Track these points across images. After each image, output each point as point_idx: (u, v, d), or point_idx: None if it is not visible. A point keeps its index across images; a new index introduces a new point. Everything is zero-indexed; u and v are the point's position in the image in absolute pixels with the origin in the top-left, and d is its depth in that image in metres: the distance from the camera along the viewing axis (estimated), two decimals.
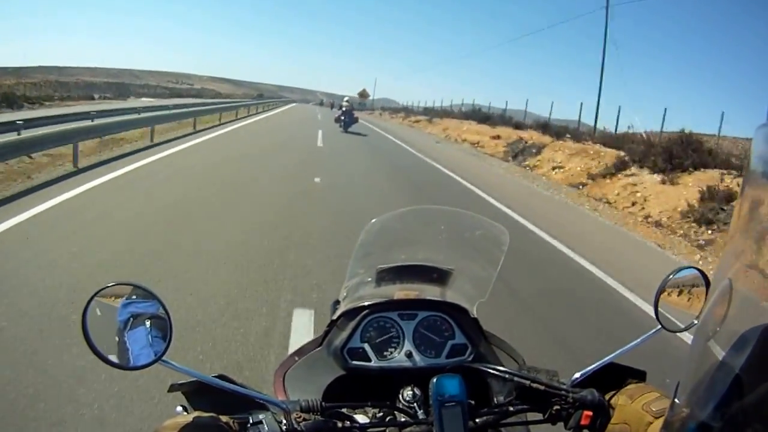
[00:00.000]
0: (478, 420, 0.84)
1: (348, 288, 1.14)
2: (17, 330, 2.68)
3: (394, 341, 1.02)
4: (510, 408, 0.87)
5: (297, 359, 1.03)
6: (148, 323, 0.75)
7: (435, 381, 0.80)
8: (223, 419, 0.73)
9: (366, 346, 1.01)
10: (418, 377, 0.93)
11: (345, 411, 0.87)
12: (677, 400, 0.48)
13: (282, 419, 0.78)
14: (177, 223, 5.08)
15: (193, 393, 0.83)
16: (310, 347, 1.06)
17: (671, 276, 0.91)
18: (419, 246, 1.20)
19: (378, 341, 1.02)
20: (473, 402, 0.84)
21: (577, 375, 0.88)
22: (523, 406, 0.87)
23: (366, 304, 1.04)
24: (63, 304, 2.97)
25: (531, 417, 0.89)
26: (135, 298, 0.76)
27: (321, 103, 68.17)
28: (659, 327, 0.91)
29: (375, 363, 1.00)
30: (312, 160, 10.93)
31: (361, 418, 0.91)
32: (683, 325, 0.89)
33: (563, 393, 0.85)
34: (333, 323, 1.06)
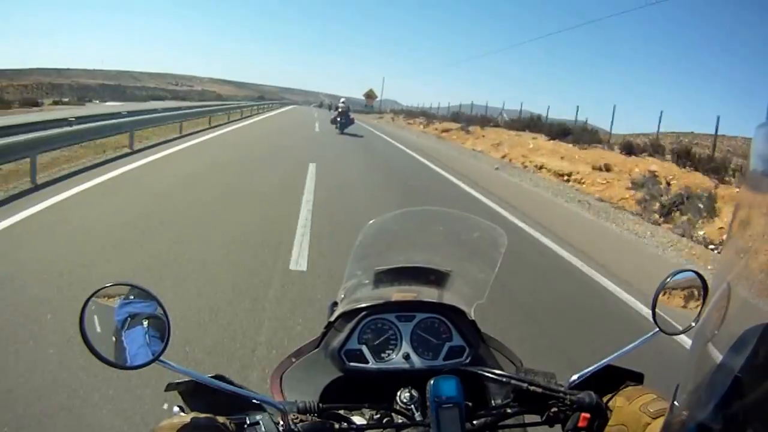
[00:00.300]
0: (475, 422, 0.84)
1: (345, 289, 1.13)
2: None
3: (391, 343, 1.02)
4: (507, 410, 0.87)
5: (294, 361, 1.02)
6: (145, 323, 0.75)
7: (432, 383, 0.80)
8: (220, 420, 0.73)
9: (363, 347, 1.01)
10: (415, 379, 0.92)
11: (342, 412, 0.87)
12: (676, 402, 0.48)
13: (279, 420, 0.77)
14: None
15: (190, 393, 0.83)
16: (307, 349, 1.05)
17: (668, 279, 0.91)
18: (417, 248, 1.19)
19: (375, 343, 1.02)
20: (471, 404, 0.84)
21: (575, 377, 0.88)
22: (521, 408, 0.87)
23: (363, 305, 1.03)
24: None
25: (528, 419, 0.89)
26: (132, 298, 0.75)
27: (320, 105, 62.69)
28: (657, 330, 0.91)
29: (372, 365, 1.00)
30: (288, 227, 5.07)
31: (359, 419, 0.90)
32: (681, 328, 0.89)
33: (561, 395, 0.85)
34: (330, 325, 1.05)
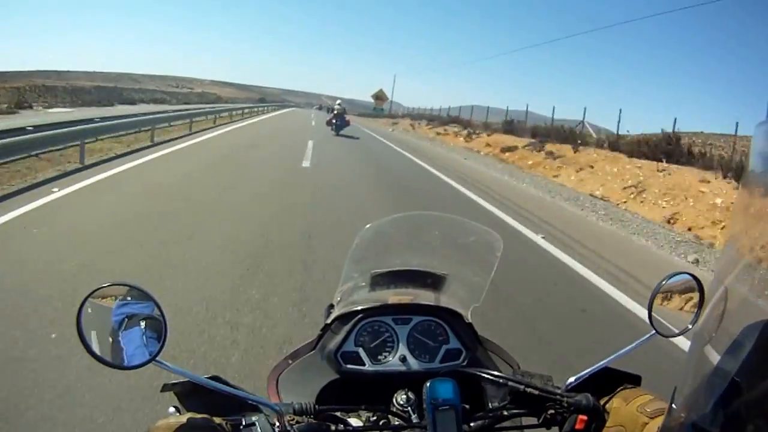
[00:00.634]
0: (472, 424, 0.84)
1: (342, 292, 1.13)
2: None
3: (388, 345, 1.02)
4: (504, 412, 0.87)
5: (291, 362, 1.02)
6: (143, 324, 0.75)
7: (429, 385, 0.80)
8: (216, 420, 0.73)
9: (360, 350, 1.00)
10: (412, 381, 0.92)
11: (338, 414, 0.87)
12: (674, 404, 0.48)
13: (275, 421, 0.77)
14: None
15: (186, 394, 0.83)
16: (303, 351, 1.05)
17: (664, 281, 0.91)
18: (413, 251, 1.19)
19: (372, 345, 1.01)
20: (467, 406, 0.84)
21: (572, 379, 0.88)
22: (518, 410, 0.87)
23: (360, 308, 1.03)
24: None
25: (525, 422, 0.89)
26: (130, 298, 0.75)
27: (320, 108, 56.70)
28: (653, 332, 0.91)
29: (369, 367, 0.99)
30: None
31: (355, 421, 0.90)
32: (677, 330, 0.89)
33: (558, 397, 0.85)
34: (327, 327, 1.05)
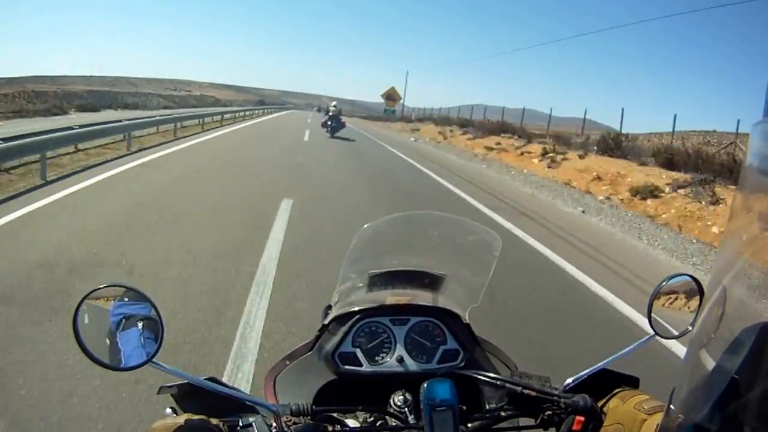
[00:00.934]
0: (469, 425, 0.84)
1: (340, 293, 1.13)
2: None
3: (385, 346, 1.02)
4: (501, 413, 0.87)
5: (288, 363, 1.02)
6: (139, 325, 0.75)
7: (426, 386, 0.80)
8: (213, 422, 0.72)
9: (357, 351, 1.00)
10: (409, 382, 0.92)
11: (336, 415, 0.87)
12: (672, 404, 0.47)
13: (272, 422, 0.77)
14: None
15: (183, 395, 0.82)
16: (301, 351, 1.04)
17: (664, 283, 0.91)
18: (411, 251, 1.19)
19: (369, 346, 1.01)
20: (465, 407, 0.84)
21: (569, 381, 0.88)
22: (515, 411, 0.87)
23: (357, 308, 1.03)
24: None
25: (523, 423, 0.89)
26: (126, 300, 0.75)
27: (319, 110, 47.49)
28: (653, 334, 0.91)
29: (366, 368, 0.99)
30: None
31: (352, 422, 0.90)
32: (677, 332, 0.89)
33: (555, 399, 0.84)
34: (324, 328, 1.05)
